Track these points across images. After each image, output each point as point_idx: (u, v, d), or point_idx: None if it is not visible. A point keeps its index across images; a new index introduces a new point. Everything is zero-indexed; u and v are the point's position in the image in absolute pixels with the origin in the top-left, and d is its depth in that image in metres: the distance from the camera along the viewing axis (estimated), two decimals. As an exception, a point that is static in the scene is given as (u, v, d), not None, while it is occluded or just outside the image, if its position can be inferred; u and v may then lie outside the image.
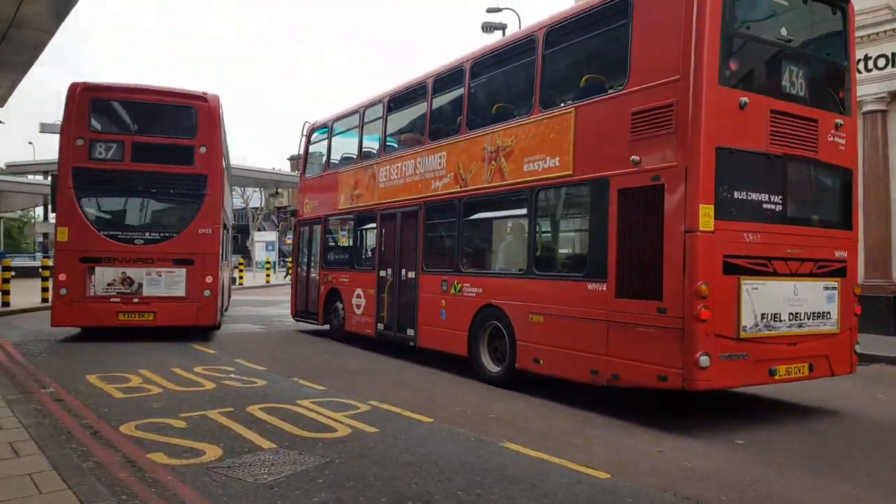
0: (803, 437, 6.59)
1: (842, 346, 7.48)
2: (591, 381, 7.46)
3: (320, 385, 8.66)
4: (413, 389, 8.60)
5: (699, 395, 7.43)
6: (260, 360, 10.67)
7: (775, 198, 6.99)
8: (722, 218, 6.54)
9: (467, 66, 9.93)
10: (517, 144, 8.78)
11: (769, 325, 6.82)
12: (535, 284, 8.34)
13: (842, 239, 7.64)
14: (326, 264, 13.89)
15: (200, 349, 11.80)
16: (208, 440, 6.05)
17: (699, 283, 6.37)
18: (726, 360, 6.51)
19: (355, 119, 13.04)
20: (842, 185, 7.76)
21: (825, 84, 7.65)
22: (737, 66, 6.89)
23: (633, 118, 7.11)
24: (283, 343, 13.12)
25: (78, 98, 12.27)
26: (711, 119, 6.53)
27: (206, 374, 9.30)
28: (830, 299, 7.37)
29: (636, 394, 8.29)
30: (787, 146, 7.05)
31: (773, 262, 6.89)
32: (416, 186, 10.83)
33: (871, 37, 13.95)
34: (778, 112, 6.97)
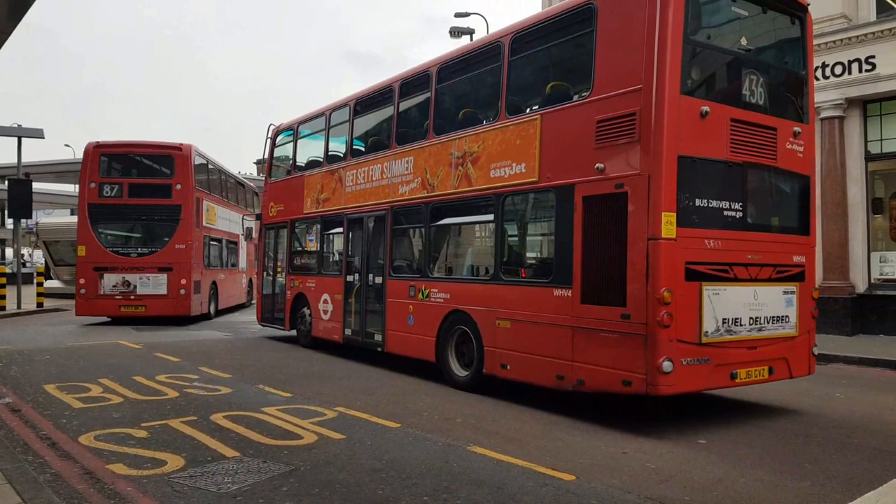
0: (764, 437, 6.71)
1: (800, 348, 7.64)
2: (558, 386, 7.51)
3: (286, 392, 8.57)
4: (380, 395, 8.56)
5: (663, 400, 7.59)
6: (225, 367, 10.53)
7: (735, 205, 7.12)
8: (684, 225, 6.65)
9: (434, 71, 9.94)
10: (484, 150, 8.81)
11: (730, 329, 6.93)
12: (503, 290, 8.37)
13: (800, 244, 7.79)
14: (293, 269, 13.80)
15: (163, 357, 11.61)
16: (170, 450, 5.95)
17: (662, 289, 6.47)
18: (689, 365, 6.62)
19: (321, 122, 13.02)
20: (800, 192, 7.91)
21: (784, 92, 7.80)
22: (698, 76, 7.02)
23: (598, 126, 7.18)
24: (249, 350, 12.98)
25: (91, 154, 16.97)
26: (673, 128, 6.63)
27: (169, 383, 9.15)
28: (789, 303, 7.52)
29: (602, 397, 8.36)
30: (747, 154, 7.16)
31: (734, 268, 7.01)
32: (384, 191, 10.82)
33: (828, 44, 14.31)
34: (738, 121, 7.09)
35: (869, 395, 8.92)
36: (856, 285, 14.28)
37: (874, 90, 13.91)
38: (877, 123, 14.29)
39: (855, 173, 14.42)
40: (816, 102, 14.32)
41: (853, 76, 14.12)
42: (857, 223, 14.38)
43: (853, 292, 14.21)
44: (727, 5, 7.81)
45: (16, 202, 19.93)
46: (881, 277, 14.22)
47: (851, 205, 14.44)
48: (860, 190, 14.39)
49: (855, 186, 14.39)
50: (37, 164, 41.57)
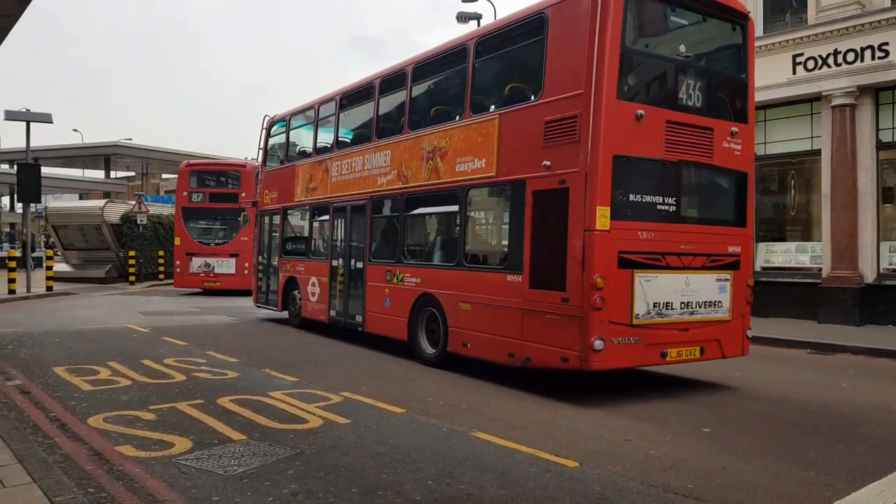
0: (769, 426, 6.72)
1: (733, 331, 8.27)
2: (509, 363, 8.24)
3: (293, 376, 8.63)
4: (385, 380, 8.61)
5: (661, 381, 7.89)
6: (232, 351, 10.61)
7: (669, 199, 7.81)
8: (618, 218, 7.32)
9: (409, 70, 10.52)
10: (451, 146, 9.47)
11: (661, 312, 7.63)
12: (465, 275, 9.09)
13: (736, 236, 8.39)
14: (285, 253, 14.53)
15: (171, 341, 11.69)
16: (178, 432, 6.01)
17: (595, 276, 7.18)
18: (619, 344, 7.33)
19: (311, 114, 13.73)
20: (737, 187, 8.51)
21: (722, 95, 8.42)
22: (634, 82, 7.73)
23: (546, 126, 7.83)
24: (255, 334, 13.05)
25: (183, 170, 23.20)
26: (609, 130, 7.29)
27: (177, 366, 9.22)
28: (722, 290, 8.17)
29: (605, 384, 8.40)
30: (682, 153, 7.80)
31: (667, 257, 7.69)
32: (365, 182, 11.50)
33: (840, 31, 14.16)
34: (673, 122, 7.73)
35: (876, 385, 8.90)
36: (864, 275, 14.20)
37: (887, 78, 13.77)
38: (889, 112, 14.16)
39: (866, 162, 14.27)
40: (827, 90, 14.28)
41: (865, 63, 13.95)
42: (867, 212, 14.27)
43: (862, 282, 14.10)
44: (666, 15, 8.43)
45: (25, 186, 20.03)
46: (890, 267, 14.14)
47: (861, 194, 14.28)
48: (870, 179, 14.27)
49: (865, 175, 14.28)
50: (45, 148, 41.72)
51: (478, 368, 9.07)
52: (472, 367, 9.13)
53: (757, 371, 9.76)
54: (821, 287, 14.37)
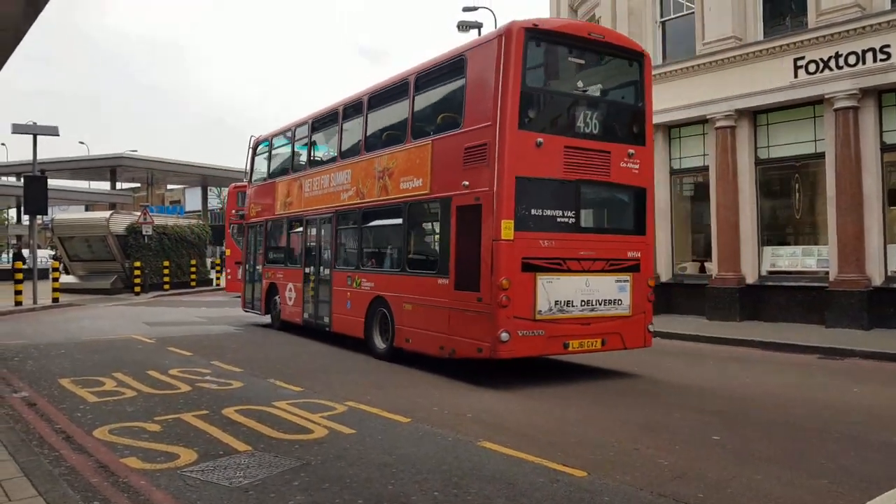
0: (780, 433, 6.64)
1: (634, 325, 9.66)
2: (439, 355, 9.60)
3: (297, 386, 8.58)
4: (389, 389, 8.56)
5: (669, 390, 7.83)
6: (237, 361, 10.57)
7: (569, 213, 9.25)
8: (521, 229, 8.77)
9: (365, 99, 12.09)
10: (396, 167, 10.98)
11: (562, 309, 9.03)
12: (408, 280, 10.48)
13: (635, 242, 9.81)
14: (268, 262, 16.00)
15: (176, 351, 11.66)
16: (183, 444, 5.96)
17: (501, 278, 8.60)
18: (524, 336, 8.73)
19: (289, 136, 15.34)
20: (635, 201, 9.95)
21: (619, 122, 9.95)
22: (535, 115, 9.12)
23: (465, 152, 9.31)
24: (260, 344, 13.01)
25: (231, 192, 23.75)
26: (512, 156, 8.77)
27: (182, 377, 9.18)
28: (622, 289, 9.56)
29: (613, 393, 8.33)
30: (580, 173, 9.27)
31: (567, 262, 9.11)
32: (331, 197, 13.06)
33: (841, 34, 14.11)
34: (571, 147, 9.21)
35: (888, 390, 8.80)
36: (872, 278, 14.06)
37: (889, 80, 13.69)
38: (893, 113, 14.08)
39: (870, 164, 14.13)
40: (829, 93, 14.26)
41: (867, 66, 13.86)
42: (873, 215, 14.12)
43: (869, 285, 13.96)
44: (566, 57, 9.95)
45: (32, 199, 20.04)
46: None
47: (867, 196, 14.11)
48: (876, 181, 14.15)
49: (870, 178, 14.16)
50: (52, 160, 41.83)
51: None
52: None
53: (767, 377, 9.68)
54: (828, 291, 14.26)
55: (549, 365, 10.51)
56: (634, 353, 10.92)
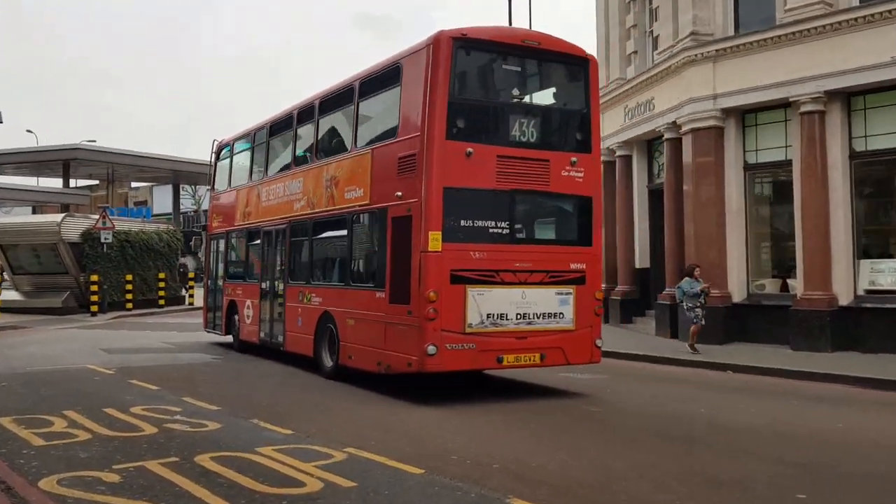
0: (878, 492, 6.57)
1: (579, 340, 10.90)
2: (377, 371, 11.08)
3: (286, 428, 8.64)
4: (399, 432, 8.59)
5: (729, 431, 7.89)
6: (213, 397, 10.66)
7: (502, 223, 10.60)
8: (450, 241, 10.15)
9: (317, 104, 13.59)
10: (342, 176, 12.48)
11: (495, 322, 10.35)
12: (350, 293, 12.01)
13: (580, 254, 11.07)
14: (228, 277, 17.55)
15: (140, 384, 11.77)
16: (147, 498, 6.02)
17: (429, 291, 10.02)
18: (453, 350, 10.09)
19: (249, 140, 16.90)
20: (579, 211, 11.29)
21: (561, 129, 11.47)
22: (464, 124, 10.48)
23: (399, 162, 10.81)
24: (241, 375, 13.13)
25: None
26: (439, 166, 10.20)
27: (147, 416, 9.27)
28: (564, 302, 10.79)
29: (670, 439, 8.30)
30: (515, 183, 10.61)
31: (501, 274, 10.41)
32: (286, 207, 14.56)
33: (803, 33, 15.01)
34: (504, 156, 10.56)
35: None
36: (838, 297, 15.14)
37: (856, 81, 14.55)
38: (861, 118, 14.99)
39: (837, 173, 15.12)
40: (794, 96, 15.47)
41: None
42: (840, 228, 15.12)
43: (835, 304, 15.04)
44: (499, 64, 11.44)
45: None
46: (871, 288, 14.92)
47: (833, 207, 15.21)
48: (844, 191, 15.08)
49: (838, 188, 15.10)
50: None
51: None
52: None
53: (863, 422, 9.64)
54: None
55: (565, 396, 10.51)
56: (699, 388, 10.92)
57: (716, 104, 16.64)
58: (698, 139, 16.99)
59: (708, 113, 16.73)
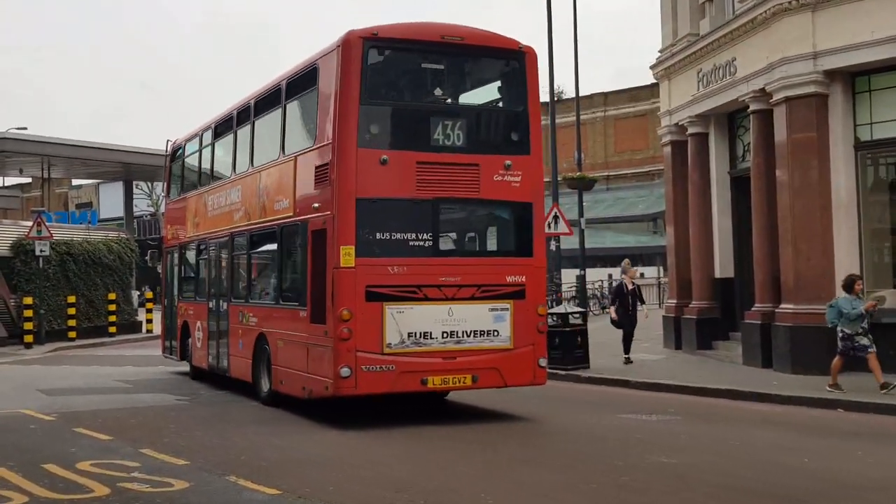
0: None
1: (518, 360, 12.18)
2: (303, 396, 12.59)
3: (271, 487, 8.65)
4: (416, 492, 8.58)
5: None
6: (179, 448, 10.70)
7: (424, 235, 11.97)
8: (364, 255, 11.59)
9: (252, 103, 15.20)
10: (272, 185, 14.13)
11: (418, 342, 11.68)
12: (280, 312, 13.64)
13: (518, 265, 12.36)
14: (181, 296, 19.32)
15: (87, 433, 11.84)
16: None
17: (341, 309, 11.41)
18: (370, 372, 11.48)
19: (197, 142, 18.46)
20: (516, 218, 12.69)
21: (492, 130, 12.94)
22: (378, 130, 11.95)
23: (316, 171, 12.37)
24: (214, 421, 13.19)
25: None
26: (350, 176, 11.64)
27: (97, 473, 9.30)
28: (499, 319, 12.06)
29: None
30: (439, 190, 11.97)
31: (424, 290, 11.73)
32: (228, 217, 16.15)
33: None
34: (425, 163, 11.91)
35: None
36: None
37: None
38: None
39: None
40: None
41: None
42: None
43: None
44: (418, 63, 12.79)
45: None
46: None
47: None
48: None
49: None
50: None
51: None
52: None
53: None
54: None
55: (633, 444, 10.44)
56: (800, 431, 10.83)
57: (817, 65, 16.47)
58: (794, 110, 16.83)
59: (807, 76, 16.56)
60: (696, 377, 16.50)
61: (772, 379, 15.83)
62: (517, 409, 13.93)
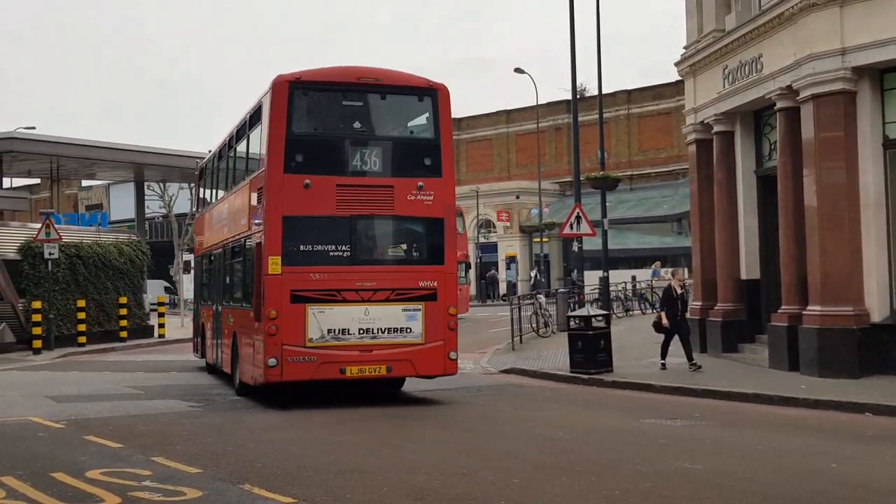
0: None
1: (430, 353, 14.95)
2: (252, 384, 15.53)
3: (286, 496, 8.70)
4: (435, 498, 8.66)
5: None
6: (191, 456, 10.77)
7: (343, 247, 14.91)
8: (291, 264, 14.53)
9: (234, 132, 18.49)
10: (239, 204, 17.54)
11: (337, 337, 14.53)
12: (243, 314, 16.49)
13: (430, 272, 15.12)
14: (201, 300, 23.16)
15: (97, 441, 11.91)
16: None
17: (269, 309, 14.43)
18: (294, 362, 14.38)
19: (209, 163, 22.60)
20: (428, 232, 15.45)
21: (407, 157, 15.70)
22: (303, 158, 14.83)
23: (258, 193, 15.49)
24: (227, 428, 13.27)
25: None
26: (278, 198, 14.71)
27: (107, 482, 9.37)
28: (412, 318, 14.86)
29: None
30: (356, 209, 14.93)
31: (343, 293, 14.65)
32: (221, 231, 19.74)
33: None
34: (344, 185, 14.91)
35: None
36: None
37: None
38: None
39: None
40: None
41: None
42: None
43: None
44: (339, 101, 15.77)
45: None
46: None
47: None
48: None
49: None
50: None
51: None
52: None
53: None
54: None
55: (657, 448, 10.44)
56: (827, 436, 10.78)
57: (845, 61, 16.43)
58: (822, 108, 16.79)
59: (835, 73, 16.54)
60: (722, 381, 16.48)
61: (799, 382, 15.80)
62: (538, 414, 13.99)
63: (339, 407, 15.00)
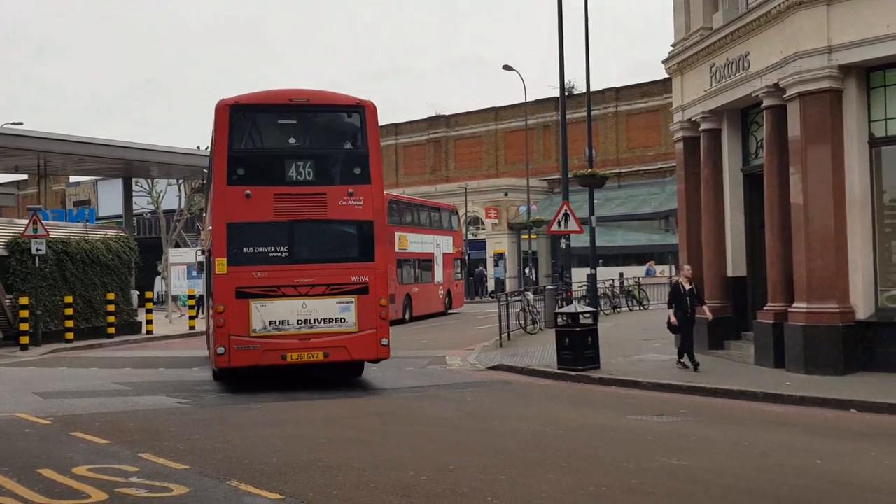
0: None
1: (363, 340, 16.83)
2: (213, 369, 17.95)
3: (273, 492, 8.74)
4: (419, 497, 8.68)
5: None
6: (179, 452, 10.79)
7: (282, 248, 16.82)
8: (235, 264, 16.57)
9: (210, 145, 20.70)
10: (208, 211, 19.65)
11: (278, 327, 16.48)
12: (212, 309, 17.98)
13: (362, 268, 17.01)
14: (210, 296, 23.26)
15: (84, 437, 11.91)
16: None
17: (218, 304, 16.60)
18: (240, 350, 16.34)
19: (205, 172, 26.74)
20: (359, 233, 17.45)
21: (338, 167, 17.69)
22: (244, 172, 16.84)
23: (210, 203, 18.13)
24: (215, 424, 13.29)
25: None
26: (222, 207, 16.89)
27: (94, 478, 9.38)
28: (346, 309, 16.76)
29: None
30: (293, 215, 16.79)
31: (282, 289, 16.53)
32: (207, 235, 21.46)
33: None
34: (281, 194, 16.77)
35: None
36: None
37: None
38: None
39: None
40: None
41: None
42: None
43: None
44: (274, 120, 17.97)
45: None
46: None
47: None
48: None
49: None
50: None
51: None
52: None
53: None
54: None
55: (640, 442, 10.47)
56: (812, 432, 10.81)
57: (831, 59, 16.47)
58: (808, 106, 16.84)
59: (821, 71, 16.56)
60: (708, 378, 16.53)
61: (784, 379, 15.87)
62: (525, 411, 14.00)
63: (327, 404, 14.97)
